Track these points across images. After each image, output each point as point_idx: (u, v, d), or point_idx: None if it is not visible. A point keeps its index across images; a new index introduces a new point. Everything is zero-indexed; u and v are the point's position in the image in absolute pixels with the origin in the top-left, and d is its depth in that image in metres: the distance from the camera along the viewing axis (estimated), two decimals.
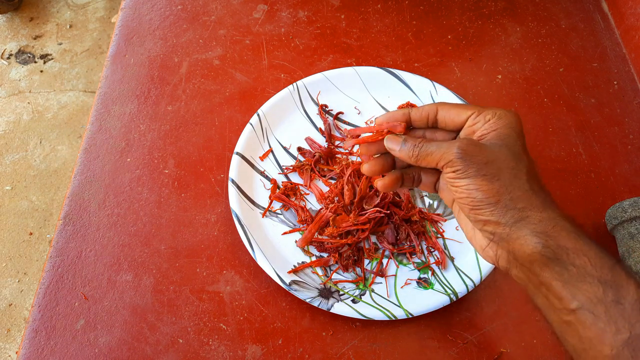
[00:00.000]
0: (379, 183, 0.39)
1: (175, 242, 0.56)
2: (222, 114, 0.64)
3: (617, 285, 0.29)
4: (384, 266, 0.53)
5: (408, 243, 0.54)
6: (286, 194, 0.57)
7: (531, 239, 0.31)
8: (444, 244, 0.55)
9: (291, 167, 0.59)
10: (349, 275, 0.53)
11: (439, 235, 0.55)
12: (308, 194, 0.58)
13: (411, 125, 0.39)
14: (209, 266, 0.54)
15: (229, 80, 0.67)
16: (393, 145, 0.37)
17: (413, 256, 0.54)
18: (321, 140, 0.61)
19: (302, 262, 0.53)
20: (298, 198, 0.57)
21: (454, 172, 0.33)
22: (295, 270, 0.52)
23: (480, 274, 0.51)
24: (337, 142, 0.61)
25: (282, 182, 0.58)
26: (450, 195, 0.38)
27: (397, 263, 0.54)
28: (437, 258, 0.54)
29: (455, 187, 0.33)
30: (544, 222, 0.31)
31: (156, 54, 0.69)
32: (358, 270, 0.53)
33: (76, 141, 1.63)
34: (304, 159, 0.60)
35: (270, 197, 0.57)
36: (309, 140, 0.61)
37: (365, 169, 0.39)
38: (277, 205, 0.57)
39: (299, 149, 0.60)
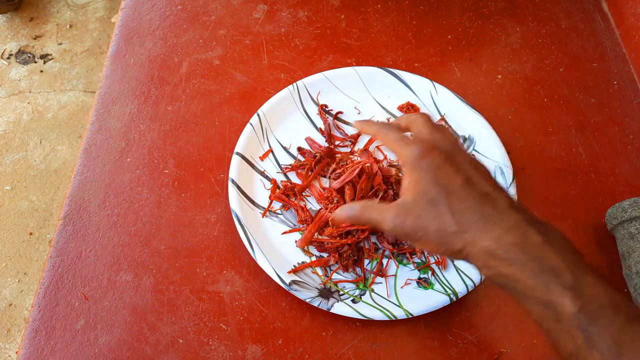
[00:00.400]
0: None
1: (175, 242, 0.56)
2: (222, 114, 0.64)
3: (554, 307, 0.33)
4: (384, 266, 0.53)
5: (407, 243, 0.54)
6: (286, 194, 0.57)
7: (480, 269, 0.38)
8: None
9: (289, 166, 0.59)
10: (349, 275, 0.53)
11: None
12: (309, 195, 0.58)
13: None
14: (209, 266, 0.54)
15: (229, 80, 0.67)
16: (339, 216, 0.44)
17: (413, 256, 0.54)
18: (321, 140, 0.61)
19: (302, 262, 0.53)
20: (298, 198, 0.57)
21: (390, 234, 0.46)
22: (295, 270, 0.52)
23: (481, 274, 0.51)
24: (337, 142, 0.61)
25: (282, 181, 0.58)
26: None
27: (397, 263, 0.54)
28: (437, 258, 0.54)
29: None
30: (485, 250, 0.36)
31: (156, 54, 0.69)
32: (358, 270, 0.53)
33: (76, 141, 1.63)
34: (303, 159, 0.60)
35: (270, 197, 0.57)
36: (309, 140, 0.61)
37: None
38: (277, 205, 0.57)
39: (299, 149, 0.60)
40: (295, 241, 0.55)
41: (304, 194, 0.57)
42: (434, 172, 0.36)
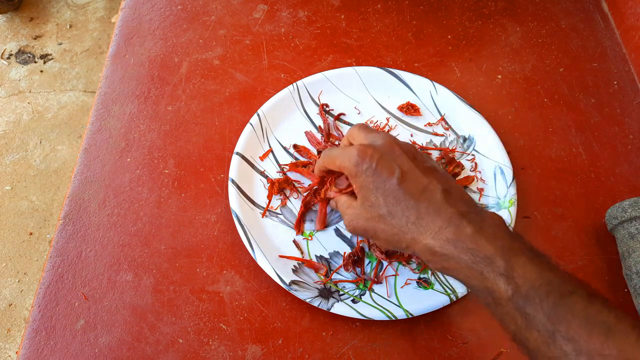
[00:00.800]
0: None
1: (175, 242, 0.56)
2: (222, 114, 0.64)
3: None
4: (382, 271, 0.53)
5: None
6: (281, 188, 0.57)
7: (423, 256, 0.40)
8: None
9: (287, 167, 0.59)
10: (349, 275, 0.53)
11: None
12: (306, 187, 0.58)
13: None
14: (209, 266, 0.54)
15: (229, 80, 0.67)
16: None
17: (410, 262, 0.54)
18: (319, 137, 0.61)
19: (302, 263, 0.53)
20: (292, 189, 0.57)
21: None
22: (289, 257, 0.52)
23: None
24: (336, 142, 0.61)
25: (276, 179, 0.58)
26: None
27: (394, 269, 0.54)
28: None
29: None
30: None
31: (156, 54, 0.69)
32: (358, 270, 0.53)
33: (76, 141, 1.63)
34: (300, 157, 0.60)
35: (268, 197, 0.57)
36: (308, 134, 0.61)
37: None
38: (276, 204, 0.57)
39: (295, 147, 0.60)
40: (299, 234, 0.55)
41: (299, 186, 0.57)
42: (372, 176, 0.38)
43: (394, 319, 0.49)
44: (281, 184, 0.57)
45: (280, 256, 0.53)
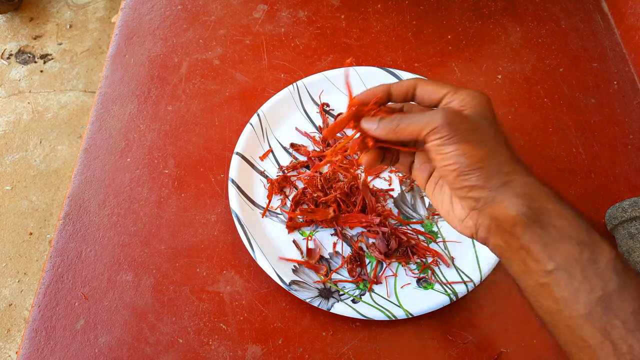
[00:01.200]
0: (364, 159, 0.39)
1: (175, 242, 0.56)
2: (222, 114, 0.64)
3: (593, 245, 0.31)
4: (381, 272, 0.53)
5: (401, 251, 0.54)
6: (281, 187, 0.57)
7: (516, 201, 0.32)
8: (444, 245, 0.55)
9: (286, 168, 0.59)
10: (349, 275, 0.53)
11: (436, 240, 0.55)
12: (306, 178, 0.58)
13: (390, 99, 0.39)
14: (209, 266, 0.54)
15: (229, 80, 0.67)
16: (369, 125, 0.37)
17: (408, 264, 0.54)
18: (309, 130, 0.61)
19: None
20: (292, 185, 0.57)
21: (440, 138, 0.33)
22: (290, 263, 0.52)
23: (480, 274, 0.51)
24: (335, 142, 0.61)
25: (277, 176, 0.58)
26: (424, 173, 0.39)
27: (393, 271, 0.54)
28: (434, 258, 0.54)
29: (441, 155, 0.33)
30: (528, 186, 0.33)
31: (156, 54, 0.69)
32: (358, 270, 0.53)
33: (76, 141, 1.63)
34: (299, 156, 0.60)
35: (268, 197, 0.57)
36: (299, 130, 0.61)
37: (364, 160, 0.39)
38: (276, 204, 0.57)
39: (292, 145, 0.60)
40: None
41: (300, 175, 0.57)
42: (496, 118, 0.36)
43: (394, 319, 0.49)
44: (281, 183, 0.58)
45: (281, 258, 0.53)
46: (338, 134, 0.62)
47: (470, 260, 0.53)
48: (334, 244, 0.55)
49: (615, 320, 0.30)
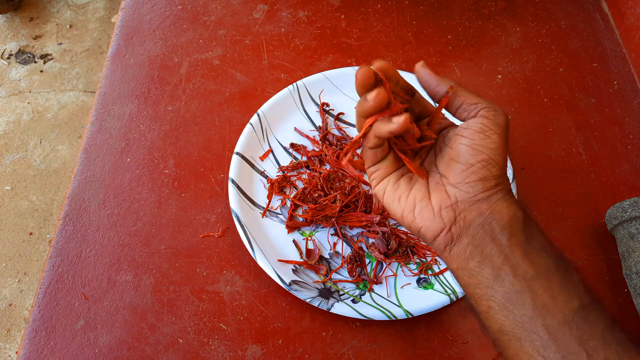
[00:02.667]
0: (400, 119, 0.35)
1: (175, 242, 0.56)
2: (222, 114, 0.64)
3: (565, 263, 0.33)
4: (381, 272, 0.53)
5: (400, 251, 0.54)
6: (281, 187, 0.57)
7: (515, 205, 0.34)
8: None
9: (286, 168, 0.59)
10: (349, 275, 0.53)
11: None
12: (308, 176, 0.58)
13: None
14: (209, 266, 0.54)
15: (229, 80, 0.67)
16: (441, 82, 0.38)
17: (408, 264, 0.54)
18: (310, 134, 0.61)
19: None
20: (292, 185, 0.57)
21: (491, 119, 0.34)
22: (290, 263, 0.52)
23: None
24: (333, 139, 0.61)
25: (277, 176, 0.58)
26: (451, 152, 0.36)
27: (392, 271, 0.54)
28: (433, 258, 0.54)
29: (481, 135, 0.34)
30: (518, 202, 0.35)
31: (156, 54, 0.69)
32: (358, 270, 0.53)
33: (76, 141, 1.63)
34: (300, 156, 0.60)
35: (268, 197, 0.57)
36: (297, 130, 0.61)
37: (400, 120, 0.35)
38: (276, 204, 0.57)
39: (292, 145, 0.60)
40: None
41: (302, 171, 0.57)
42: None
43: (394, 319, 0.49)
44: (282, 184, 0.58)
45: (280, 260, 0.52)
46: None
47: None
48: (334, 244, 0.55)
49: (593, 330, 0.30)
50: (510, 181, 0.56)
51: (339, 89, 0.64)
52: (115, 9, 1.95)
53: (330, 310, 0.49)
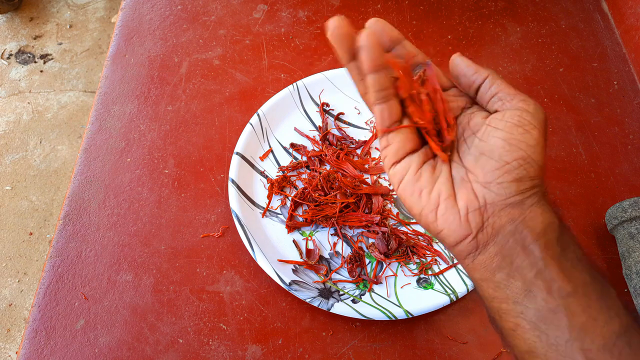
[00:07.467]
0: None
1: (175, 242, 0.56)
2: (222, 114, 0.64)
3: (600, 278, 0.29)
4: (381, 272, 0.53)
5: (400, 251, 0.54)
6: (281, 187, 0.57)
7: (551, 210, 0.30)
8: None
9: (286, 168, 0.59)
10: (349, 275, 0.53)
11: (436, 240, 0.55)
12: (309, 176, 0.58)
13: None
14: (209, 266, 0.54)
15: (229, 80, 0.67)
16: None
17: (408, 264, 0.54)
18: (310, 134, 0.61)
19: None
20: (292, 185, 0.57)
21: (531, 113, 0.30)
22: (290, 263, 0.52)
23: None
24: (336, 141, 0.61)
25: (277, 176, 0.58)
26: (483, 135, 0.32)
27: (392, 270, 0.54)
28: (432, 258, 0.54)
29: (524, 130, 0.30)
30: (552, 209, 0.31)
31: (156, 54, 0.69)
32: (358, 270, 0.53)
33: (76, 141, 1.63)
34: (300, 156, 0.60)
35: (268, 197, 0.57)
36: (297, 130, 0.61)
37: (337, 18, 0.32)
38: (276, 204, 0.57)
39: (292, 145, 0.60)
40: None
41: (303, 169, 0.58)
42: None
43: (394, 319, 0.49)
44: (282, 183, 0.58)
45: (280, 260, 0.53)
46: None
47: None
48: (334, 244, 0.55)
49: (637, 357, 0.27)
50: None
51: (339, 89, 0.64)
52: (115, 9, 1.95)
53: (330, 310, 0.49)
